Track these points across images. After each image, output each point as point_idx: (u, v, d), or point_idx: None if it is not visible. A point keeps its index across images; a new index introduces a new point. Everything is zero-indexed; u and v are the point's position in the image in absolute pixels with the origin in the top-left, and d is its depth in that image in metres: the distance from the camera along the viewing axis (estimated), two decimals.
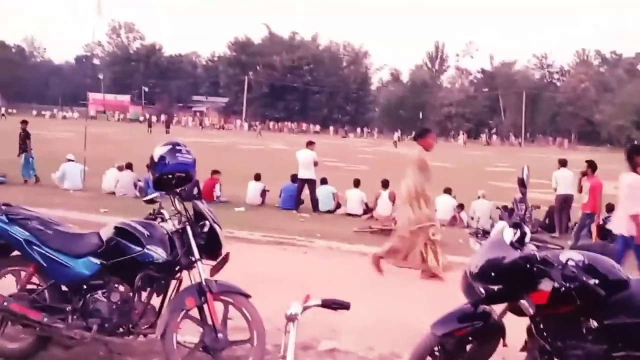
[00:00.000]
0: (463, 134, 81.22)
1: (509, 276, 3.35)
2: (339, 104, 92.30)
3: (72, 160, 17.45)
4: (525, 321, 3.60)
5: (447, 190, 15.16)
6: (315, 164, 15.72)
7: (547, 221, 14.77)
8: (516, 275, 3.32)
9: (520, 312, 3.46)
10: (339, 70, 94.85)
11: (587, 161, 12.50)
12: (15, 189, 15.73)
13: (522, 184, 3.89)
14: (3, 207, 4.30)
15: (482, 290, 3.37)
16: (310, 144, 16.27)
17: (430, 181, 8.16)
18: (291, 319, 2.37)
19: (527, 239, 3.50)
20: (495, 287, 3.35)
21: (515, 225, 3.55)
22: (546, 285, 3.27)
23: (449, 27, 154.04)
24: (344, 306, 2.50)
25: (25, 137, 18.22)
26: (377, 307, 6.22)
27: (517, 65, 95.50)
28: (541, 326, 3.47)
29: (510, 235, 3.51)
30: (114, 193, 16.40)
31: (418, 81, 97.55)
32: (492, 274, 3.37)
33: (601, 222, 11.51)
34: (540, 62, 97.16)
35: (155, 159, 4.20)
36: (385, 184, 15.01)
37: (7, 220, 4.21)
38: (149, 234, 4.11)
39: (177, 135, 47.95)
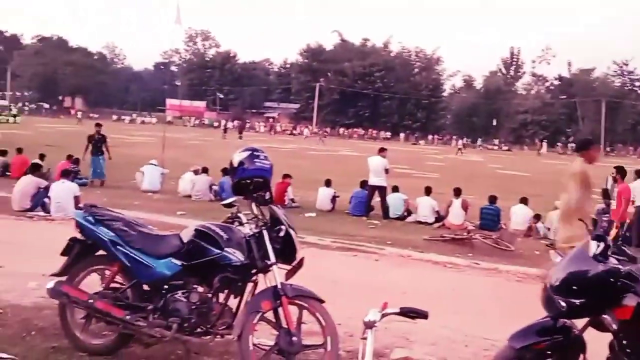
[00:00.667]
0: (541, 142, 78.74)
1: (591, 290, 3.24)
2: (409, 111, 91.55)
3: (154, 165, 18.08)
4: (607, 337, 3.47)
5: (523, 200, 14.77)
6: (387, 171, 15.64)
7: (627, 233, 14.14)
8: (599, 289, 3.22)
9: (602, 328, 3.34)
10: (410, 77, 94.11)
11: (615, 167, 12.02)
12: (97, 190, 16.45)
13: (606, 194, 3.79)
14: (90, 208, 4.52)
15: (563, 304, 3.27)
16: (382, 150, 16.21)
17: (591, 198, 7.56)
18: (369, 325, 2.38)
19: (609, 252, 3.38)
20: (577, 301, 3.24)
21: (598, 238, 3.43)
22: (631, 301, 3.15)
23: (524, 30, 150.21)
24: (422, 315, 2.48)
25: (100, 140, 18.67)
26: (452, 318, 6.12)
27: (596, 72, 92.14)
28: (624, 342, 3.33)
29: (593, 247, 3.39)
30: (190, 196, 16.86)
31: (492, 87, 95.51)
32: (574, 287, 3.27)
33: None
34: (621, 69, 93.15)
35: (235, 165, 4.30)
36: (457, 192, 14.78)
37: (93, 221, 4.42)
38: (227, 237, 4.20)
39: (249, 141, 48.93)
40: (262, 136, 67.48)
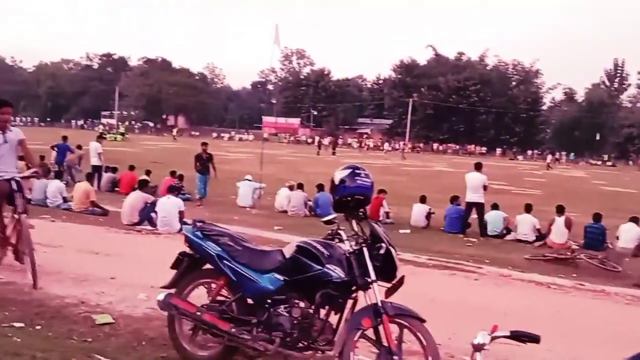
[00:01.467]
0: None
1: None
2: (507, 125, 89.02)
3: (249, 180, 18.56)
4: None
5: (633, 219, 13.94)
6: (485, 187, 15.26)
7: None
8: None
9: None
10: (507, 90, 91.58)
11: None
12: (200, 206, 17.06)
13: None
14: (198, 224, 4.70)
15: None
16: (478, 166, 15.84)
17: None
18: (478, 348, 2.33)
19: None
20: None
21: None
22: None
23: (627, 41, 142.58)
24: (534, 339, 2.40)
25: (208, 158, 18.95)
26: (557, 341, 5.85)
27: None
28: None
29: None
30: (286, 211, 17.15)
31: (595, 100, 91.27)
32: None
33: None
34: None
35: (336, 182, 4.34)
36: (560, 210, 14.17)
37: (201, 236, 4.58)
38: (328, 253, 4.24)
39: (342, 157, 49.25)
40: (355, 152, 67.73)
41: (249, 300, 4.49)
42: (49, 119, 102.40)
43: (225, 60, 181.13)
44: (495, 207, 15.60)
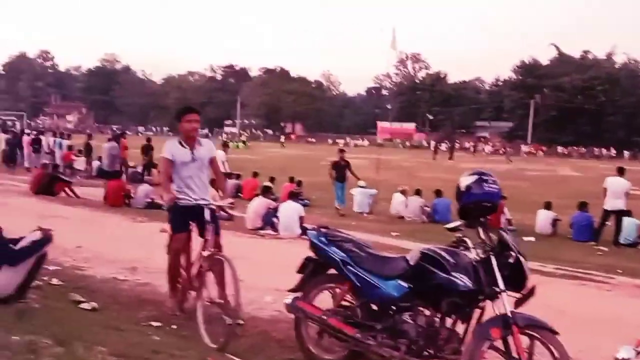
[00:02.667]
0: None
1: None
2: (638, 127, 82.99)
3: (363, 187, 18.61)
4: None
5: None
6: (627, 194, 14.29)
7: None
8: None
9: None
10: (638, 90, 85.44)
11: None
12: (317, 211, 17.35)
13: None
14: (323, 230, 4.79)
15: None
16: (620, 171, 14.77)
17: None
18: None
19: None
20: None
21: None
22: None
23: None
24: None
25: (345, 166, 18.16)
26: None
27: None
28: None
29: None
30: (402, 217, 17.04)
31: None
32: None
33: None
34: None
35: (462, 189, 4.27)
36: None
37: (326, 242, 4.67)
38: (454, 261, 4.16)
39: (460, 162, 48.12)
40: (473, 157, 65.97)
41: (374, 306, 4.51)
42: (176, 129, 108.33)
43: (340, 67, 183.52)
44: (627, 213, 14.60)
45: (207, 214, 5.43)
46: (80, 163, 24.11)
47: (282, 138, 78.54)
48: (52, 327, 4.23)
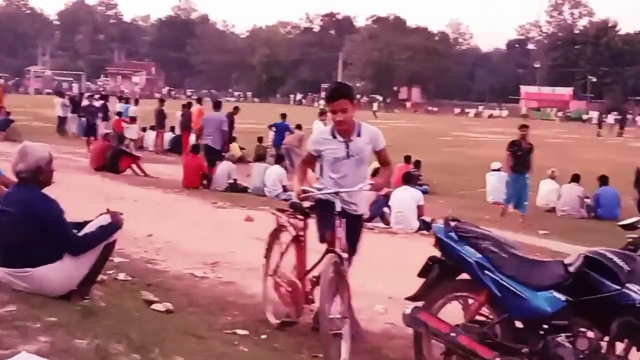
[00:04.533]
0: None
1: None
2: None
3: (497, 170, 18.20)
4: None
5: None
6: None
7: None
8: None
9: None
10: None
11: None
12: (440, 199, 17.26)
13: None
14: (452, 223, 4.75)
15: None
16: None
17: None
18: None
19: None
20: None
21: None
22: None
23: None
24: None
25: (528, 150, 15.49)
26: None
27: None
28: None
29: None
30: (553, 210, 16.64)
31: None
32: None
33: None
34: None
35: None
36: None
37: (457, 238, 4.62)
38: (629, 269, 4.03)
39: (633, 139, 46.07)
40: None
41: (518, 324, 4.45)
42: (263, 94, 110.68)
43: (472, 14, 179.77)
44: None
45: (337, 205, 5.31)
46: (131, 131, 25.02)
47: (375, 106, 76.07)
48: (123, 330, 4.48)
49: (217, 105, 17.42)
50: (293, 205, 5.75)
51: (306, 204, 5.71)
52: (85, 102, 27.52)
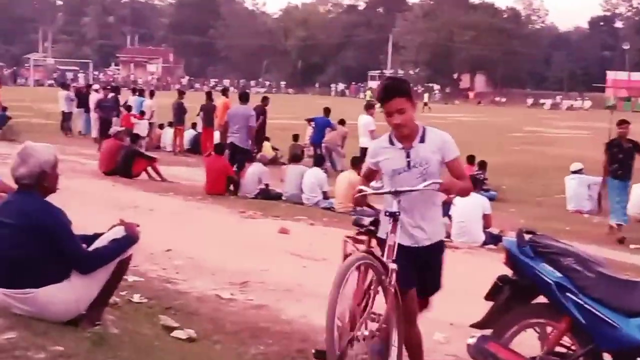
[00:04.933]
0: None
1: None
2: None
3: (579, 172, 17.91)
4: None
5: None
6: None
7: None
8: None
9: None
10: None
11: None
12: (510, 207, 17.14)
13: None
14: (526, 236, 4.71)
15: None
16: None
17: None
18: None
19: None
20: None
21: None
22: None
23: None
24: None
25: (633, 149, 14.78)
26: None
27: None
28: None
29: None
30: None
31: None
32: None
33: None
34: None
35: None
36: None
37: (532, 255, 4.59)
38: None
39: None
40: None
41: (606, 356, 4.42)
42: (299, 83, 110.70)
43: None
44: None
45: (394, 205, 5.01)
46: (140, 127, 25.05)
47: (426, 97, 74.65)
48: None
49: (243, 97, 17.43)
50: (356, 222, 5.58)
51: (366, 218, 5.50)
52: (97, 96, 27.70)
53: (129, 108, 26.67)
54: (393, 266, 4.77)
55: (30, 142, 5.19)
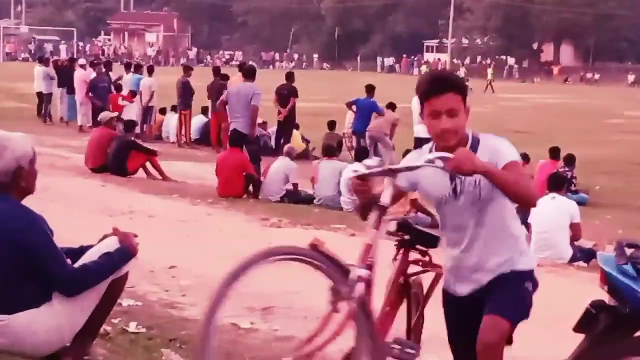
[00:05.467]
0: None
1: None
2: None
3: None
4: None
5: None
6: None
7: None
8: None
9: None
10: None
11: None
12: (606, 214, 17.00)
13: None
14: (627, 251, 4.69)
15: None
16: None
17: None
18: None
19: None
20: None
21: None
22: None
23: None
24: None
25: None
26: None
27: None
28: None
29: None
30: None
31: None
32: None
33: None
34: None
35: None
36: None
37: (635, 274, 4.57)
38: None
39: None
40: None
41: None
42: (336, 56, 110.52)
43: None
44: None
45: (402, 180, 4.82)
46: (131, 110, 25.33)
47: (490, 73, 74.04)
48: None
49: (248, 73, 17.44)
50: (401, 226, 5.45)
51: (392, 223, 5.35)
52: (84, 73, 27.80)
53: (119, 87, 26.85)
54: (360, 272, 4.46)
55: (2, 132, 5.15)
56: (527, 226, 12.66)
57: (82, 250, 5.25)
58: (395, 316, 5.37)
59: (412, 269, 5.56)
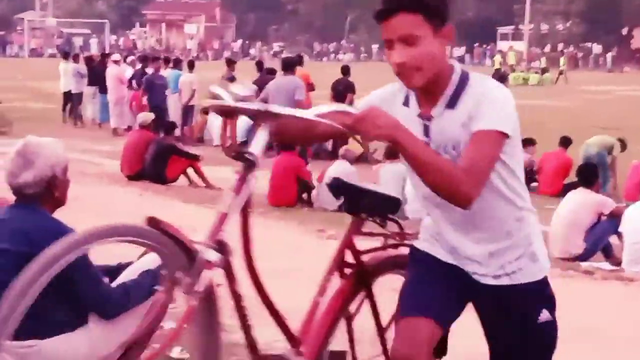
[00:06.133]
0: None
1: None
2: None
3: None
4: None
5: None
6: None
7: None
8: None
9: None
10: None
11: None
12: None
13: None
14: None
15: None
16: None
17: None
18: None
19: None
20: None
21: None
22: None
23: None
24: None
25: None
26: None
27: None
28: None
29: None
30: None
31: None
32: None
33: None
34: None
35: None
36: None
37: None
38: None
39: None
40: None
41: None
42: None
43: None
44: None
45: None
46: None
47: (562, 62, 72.49)
48: None
49: (288, 66, 17.52)
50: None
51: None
52: (122, 70, 27.92)
53: (150, 85, 26.63)
54: (210, 255, 3.92)
55: (33, 137, 5.14)
56: (619, 235, 12.60)
57: (120, 268, 5.26)
58: (336, 316, 4.84)
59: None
